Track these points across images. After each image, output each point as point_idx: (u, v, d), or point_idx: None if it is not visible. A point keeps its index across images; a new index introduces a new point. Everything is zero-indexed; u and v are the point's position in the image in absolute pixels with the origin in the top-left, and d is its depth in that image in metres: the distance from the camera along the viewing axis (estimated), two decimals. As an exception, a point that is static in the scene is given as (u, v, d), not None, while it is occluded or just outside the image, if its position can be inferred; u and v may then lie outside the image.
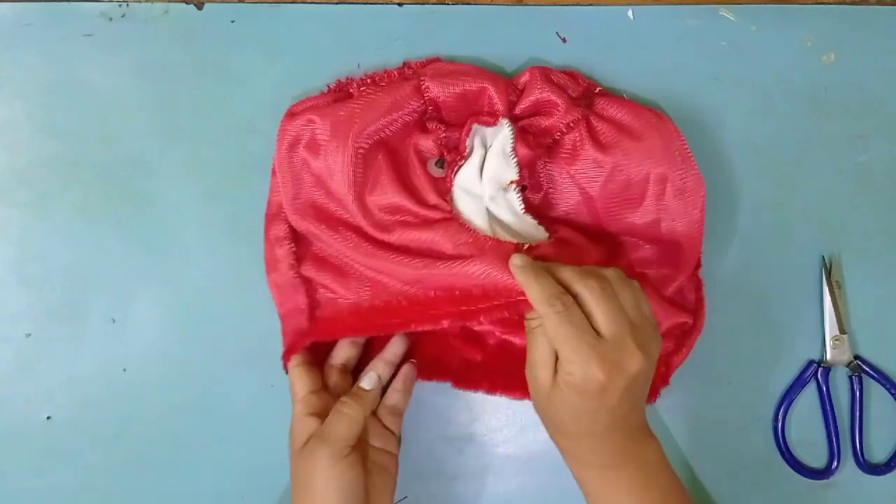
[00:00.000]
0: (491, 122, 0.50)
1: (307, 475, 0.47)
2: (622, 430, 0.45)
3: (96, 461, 0.54)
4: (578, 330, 0.42)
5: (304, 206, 0.51)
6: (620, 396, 0.43)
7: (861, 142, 0.56)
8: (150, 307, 0.54)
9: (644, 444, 0.47)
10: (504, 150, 0.50)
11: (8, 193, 0.54)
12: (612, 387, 0.42)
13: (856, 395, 0.56)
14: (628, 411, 0.45)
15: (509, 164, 0.50)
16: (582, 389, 0.43)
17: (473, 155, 0.51)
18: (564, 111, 0.50)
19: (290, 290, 0.52)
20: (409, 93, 0.49)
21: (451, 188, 0.51)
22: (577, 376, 0.42)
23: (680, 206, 0.50)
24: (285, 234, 0.52)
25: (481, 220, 0.51)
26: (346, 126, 0.49)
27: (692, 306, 0.53)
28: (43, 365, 0.54)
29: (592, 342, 0.42)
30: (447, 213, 0.51)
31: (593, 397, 0.43)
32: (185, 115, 0.54)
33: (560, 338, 0.42)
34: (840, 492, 0.57)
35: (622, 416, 0.44)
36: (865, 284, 0.57)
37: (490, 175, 0.50)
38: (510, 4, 0.55)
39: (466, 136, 0.51)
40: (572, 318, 0.43)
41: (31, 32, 0.53)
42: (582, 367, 0.42)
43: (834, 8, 0.56)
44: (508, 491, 0.56)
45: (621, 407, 0.44)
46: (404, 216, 0.51)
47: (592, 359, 0.42)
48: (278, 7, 0.54)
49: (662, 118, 0.51)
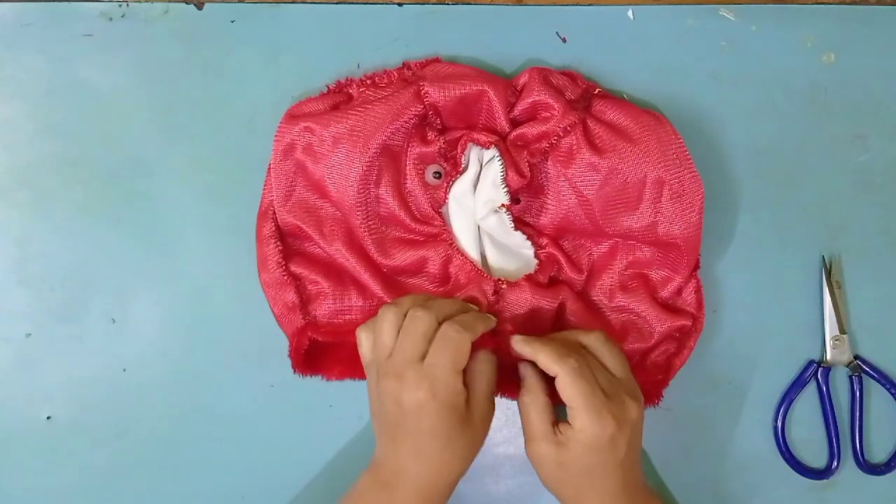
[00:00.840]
0: (485, 144, 0.51)
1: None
2: (633, 489, 0.48)
3: (96, 461, 0.54)
4: (591, 384, 0.45)
5: (295, 206, 0.52)
6: (627, 448, 0.46)
7: (861, 142, 0.56)
8: (150, 307, 0.54)
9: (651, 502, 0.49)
10: (494, 181, 0.51)
11: (8, 193, 0.54)
12: (621, 437, 0.45)
13: (856, 395, 0.56)
14: (633, 465, 0.48)
15: (499, 192, 0.51)
16: (594, 445, 0.45)
17: (469, 170, 0.52)
18: (561, 114, 0.50)
19: (278, 288, 0.53)
20: (409, 99, 0.50)
21: (445, 200, 0.52)
22: (588, 432, 0.45)
23: (677, 209, 0.50)
24: (271, 233, 0.52)
25: (472, 235, 0.52)
26: (349, 141, 0.49)
27: (692, 308, 0.53)
28: (43, 365, 0.54)
29: (602, 396, 0.45)
30: (439, 227, 0.52)
31: (604, 450, 0.45)
32: (185, 115, 0.54)
33: (576, 393, 0.44)
34: (840, 492, 0.57)
35: (629, 471, 0.47)
36: (865, 284, 0.57)
37: (483, 199, 0.52)
38: (510, 4, 0.55)
39: (462, 154, 0.52)
40: (585, 373, 0.45)
41: (31, 32, 0.53)
42: (594, 421, 0.44)
43: (834, 8, 0.56)
44: (508, 491, 0.56)
45: (628, 458, 0.46)
46: (397, 227, 0.52)
47: (603, 410, 0.45)
48: (278, 7, 0.54)
49: (661, 120, 0.51)
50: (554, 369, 0.45)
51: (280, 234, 0.53)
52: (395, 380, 0.45)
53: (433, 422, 0.44)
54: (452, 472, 0.47)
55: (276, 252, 0.52)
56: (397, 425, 0.46)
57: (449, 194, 0.52)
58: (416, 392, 0.44)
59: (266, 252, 0.53)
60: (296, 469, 0.55)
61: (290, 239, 0.53)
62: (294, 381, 0.54)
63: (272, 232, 0.52)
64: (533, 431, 0.47)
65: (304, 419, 0.55)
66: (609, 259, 0.54)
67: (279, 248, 0.52)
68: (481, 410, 0.47)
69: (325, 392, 0.55)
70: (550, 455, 0.46)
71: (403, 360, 0.45)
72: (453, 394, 0.45)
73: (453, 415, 0.45)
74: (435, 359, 0.45)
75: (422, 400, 0.44)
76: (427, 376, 0.44)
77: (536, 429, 0.47)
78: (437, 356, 0.45)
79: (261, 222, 0.53)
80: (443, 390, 0.44)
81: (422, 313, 0.46)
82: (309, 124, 0.50)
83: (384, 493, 0.47)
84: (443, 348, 0.45)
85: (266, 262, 0.53)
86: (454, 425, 0.45)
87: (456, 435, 0.45)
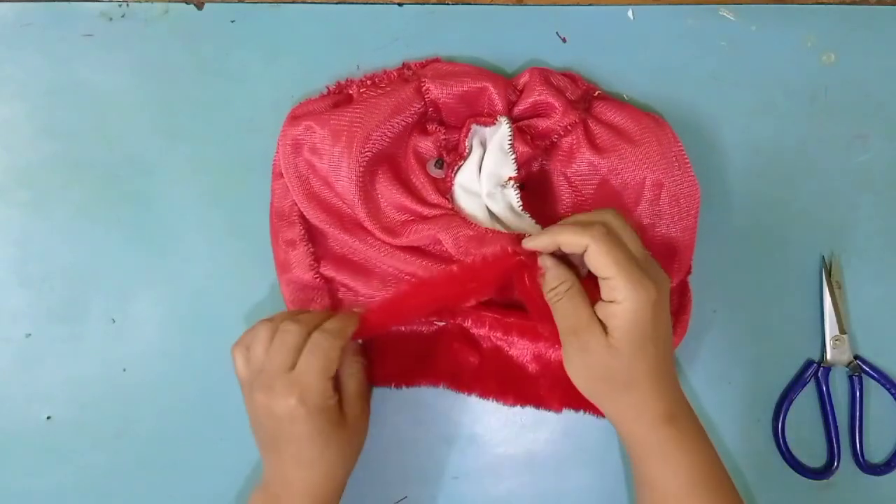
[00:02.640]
0: (489, 122, 0.50)
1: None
2: (675, 373, 0.46)
3: (96, 461, 0.54)
4: (623, 250, 0.43)
5: (315, 205, 0.51)
6: (666, 319, 0.44)
7: (861, 142, 0.56)
8: (150, 307, 0.54)
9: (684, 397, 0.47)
10: (503, 146, 0.50)
11: (8, 193, 0.54)
12: (661, 305, 0.43)
13: (855, 395, 0.56)
14: (671, 341, 0.46)
15: (507, 161, 0.50)
16: (640, 317, 0.42)
17: (472, 154, 0.51)
18: (562, 114, 0.50)
19: (310, 292, 0.52)
20: (410, 95, 0.50)
21: (451, 188, 0.52)
22: (632, 300, 0.42)
23: (675, 212, 0.50)
24: (300, 237, 0.52)
25: (482, 217, 0.51)
26: (348, 133, 0.49)
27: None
28: (43, 365, 0.54)
29: (637, 262, 0.43)
30: (448, 209, 0.51)
31: (648, 322, 0.42)
32: (186, 115, 0.54)
33: (611, 260, 0.42)
34: (839, 492, 0.57)
35: (671, 349, 0.45)
36: (865, 284, 0.57)
37: (488, 171, 0.50)
38: (510, 4, 0.55)
39: (465, 137, 0.51)
40: (615, 239, 0.43)
41: (31, 32, 0.53)
42: (637, 286, 0.42)
43: (834, 8, 0.56)
44: (508, 491, 0.56)
45: (668, 333, 0.45)
46: (407, 215, 0.51)
47: (642, 275, 0.42)
48: (278, 7, 0.54)
49: (661, 123, 0.51)
50: (582, 241, 0.42)
51: (310, 237, 0.52)
52: (265, 392, 0.45)
53: (306, 427, 0.45)
54: (337, 473, 0.48)
55: (306, 254, 0.52)
56: (275, 437, 0.47)
57: (454, 182, 0.52)
58: (285, 400, 0.44)
59: (291, 256, 0.52)
60: (296, 469, 0.55)
61: (317, 239, 0.53)
62: (294, 381, 0.54)
63: (301, 235, 0.52)
64: (578, 320, 0.44)
65: (304, 419, 0.55)
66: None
67: (311, 250, 0.52)
68: (354, 410, 0.48)
69: (325, 392, 0.55)
70: (599, 342, 0.43)
71: (272, 372, 0.45)
72: (322, 397, 0.45)
73: (324, 417, 0.46)
74: (303, 366, 0.45)
75: (292, 406, 0.44)
76: (296, 383, 0.45)
77: (582, 314, 0.44)
78: (305, 363, 0.45)
79: (279, 226, 0.52)
80: (311, 396, 0.45)
81: (291, 326, 0.46)
82: (310, 122, 0.50)
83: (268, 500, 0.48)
84: (311, 355, 0.45)
85: (291, 266, 0.52)
86: (328, 428, 0.46)
87: (333, 437, 0.46)
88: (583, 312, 0.44)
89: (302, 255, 0.52)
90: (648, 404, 0.45)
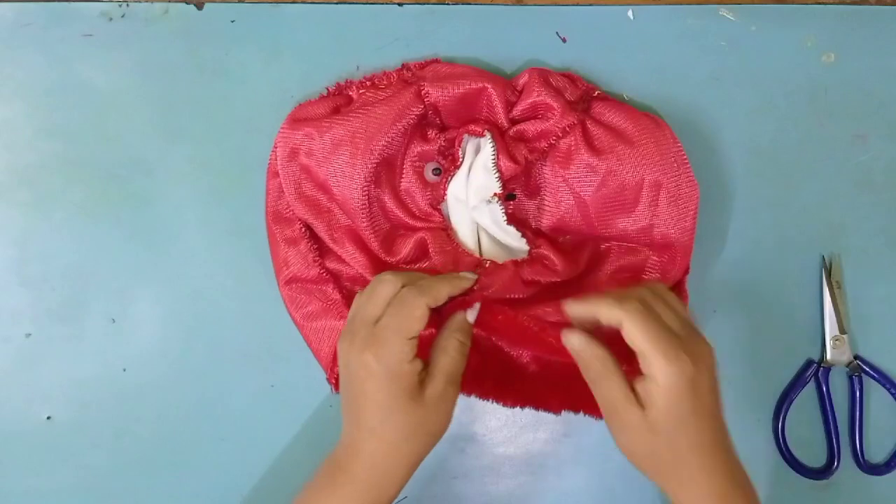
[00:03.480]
0: (479, 133, 0.50)
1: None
2: (729, 445, 0.44)
3: (96, 461, 0.54)
4: (659, 324, 0.41)
5: (306, 205, 0.52)
6: (710, 394, 0.42)
7: (861, 142, 0.56)
8: (150, 307, 0.54)
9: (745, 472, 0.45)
10: (486, 165, 0.50)
11: (8, 193, 0.54)
12: (701, 379, 0.41)
13: (855, 395, 0.56)
14: (719, 414, 0.43)
15: (491, 179, 0.50)
16: (677, 393, 0.41)
17: (464, 163, 0.52)
18: (560, 115, 0.50)
19: (316, 286, 0.52)
20: (410, 100, 0.50)
21: (444, 197, 0.52)
22: (667, 376, 0.40)
23: (673, 213, 0.50)
24: (301, 233, 0.52)
25: (469, 229, 0.52)
26: (351, 146, 0.49)
27: None
28: (43, 365, 0.54)
29: (672, 335, 0.41)
30: (436, 223, 0.52)
31: (687, 397, 0.41)
32: (186, 115, 0.54)
33: (645, 335, 0.41)
34: (839, 492, 0.57)
35: (720, 422, 0.43)
36: (865, 284, 0.57)
37: (475, 186, 0.51)
38: (510, 4, 0.55)
39: (459, 147, 0.51)
40: (652, 314, 0.42)
41: (31, 32, 0.53)
42: (670, 361, 0.40)
43: (834, 8, 0.56)
44: (508, 491, 0.56)
45: (716, 406, 0.43)
46: (398, 228, 0.52)
47: (678, 349, 0.41)
48: (278, 7, 0.54)
49: (660, 124, 0.51)
50: (617, 315, 0.41)
51: (312, 234, 0.52)
52: (348, 342, 0.43)
53: (375, 387, 0.42)
54: (402, 450, 0.43)
55: (309, 250, 0.52)
56: (348, 394, 0.43)
57: (447, 190, 0.52)
58: (361, 354, 0.42)
59: (292, 254, 0.52)
60: (295, 469, 0.55)
61: (317, 236, 0.53)
62: (294, 381, 0.54)
63: (301, 233, 0.52)
64: (615, 397, 0.42)
65: (304, 419, 0.55)
66: (600, 263, 0.54)
67: (314, 246, 0.52)
68: (436, 389, 0.43)
69: (325, 392, 0.55)
70: (639, 421, 0.41)
71: (358, 322, 0.43)
72: (398, 359, 0.42)
73: (396, 383, 0.42)
74: (385, 320, 0.42)
75: (365, 362, 0.41)
76: (374, 338, 0.42)
77: (618, 392, 0.42)
78: (387, 318, 0.42)
79: (276, 225, 0.52)
80: (387, 354, 0.41)
81: (388, 276, 0.44)
82: (309, 130, 0.50)
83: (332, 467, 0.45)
84: (394, 311, 0.42)
85: (290, 264, 0.52)
86: (400, 396, 0.42)
87: (403, 408, 0.42)
88: (618, 393, 0.42)
89: (304, 252, 0.52)
90: (698, 482, 0.43)
